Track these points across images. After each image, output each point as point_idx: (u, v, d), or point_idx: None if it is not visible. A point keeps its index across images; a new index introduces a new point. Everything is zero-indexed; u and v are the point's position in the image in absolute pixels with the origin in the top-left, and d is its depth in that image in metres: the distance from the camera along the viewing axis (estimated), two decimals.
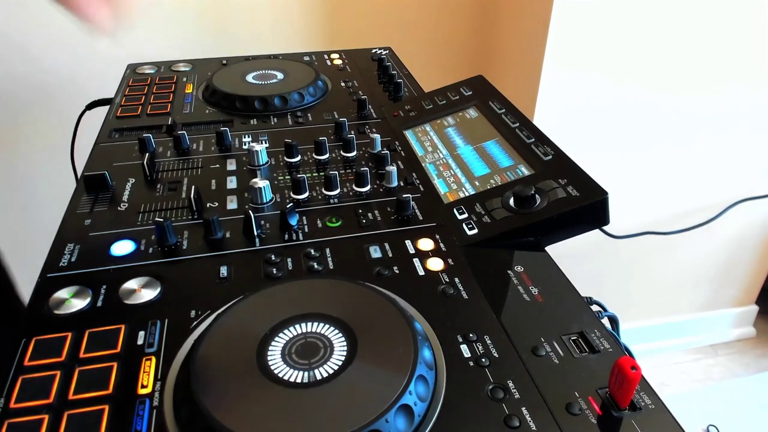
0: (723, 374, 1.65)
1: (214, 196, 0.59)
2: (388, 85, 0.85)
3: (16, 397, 0.37)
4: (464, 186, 0.61)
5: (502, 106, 0.71)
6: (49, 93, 1.19)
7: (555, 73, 1.11)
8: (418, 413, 0.35)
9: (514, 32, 1.22)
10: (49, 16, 1.11)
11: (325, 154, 0.66)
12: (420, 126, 0.73)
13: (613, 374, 0.37)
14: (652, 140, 1.27)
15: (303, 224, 0.55)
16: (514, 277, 0.49)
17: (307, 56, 0.96)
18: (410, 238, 0.53)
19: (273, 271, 0.48)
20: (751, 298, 1.72)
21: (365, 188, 0.60)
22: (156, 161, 0.65)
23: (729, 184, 1.38)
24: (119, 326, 0.42)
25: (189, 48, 1.19)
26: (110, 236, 0.52)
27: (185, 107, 0.77)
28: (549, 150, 0.60)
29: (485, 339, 0.42)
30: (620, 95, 1.18)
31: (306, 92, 0.79)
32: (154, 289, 0.46)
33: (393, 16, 1.27)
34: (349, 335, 0.40)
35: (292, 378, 0.36)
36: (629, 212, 1.36)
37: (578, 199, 0.53)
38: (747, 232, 1.52)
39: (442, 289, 0.47)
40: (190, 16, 1.17)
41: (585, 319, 0.44)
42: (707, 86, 1.22)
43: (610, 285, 1.53)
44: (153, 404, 0.37)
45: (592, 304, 0.53)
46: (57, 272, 0.48)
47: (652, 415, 0.37)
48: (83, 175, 0.60)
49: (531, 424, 0.36)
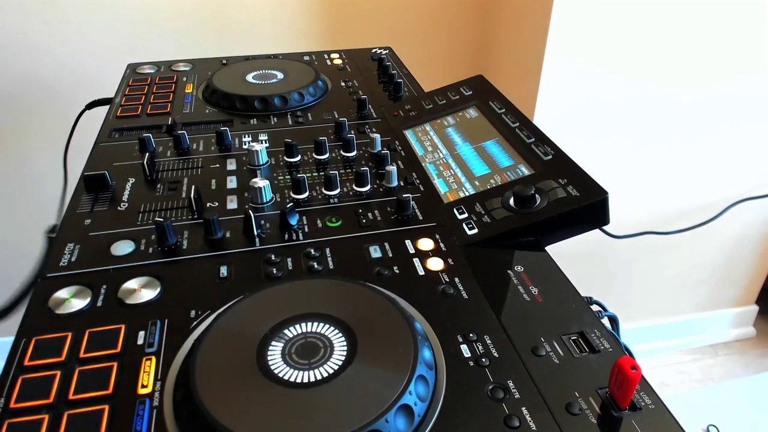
0: (723, 374, 1.65)
1: (214, 196, 0.59)
2: (388, 84, 0.85)
3: (16, 397, 0.37)
4: (464, 186, 0.61)
5: (502, 105, 0.71)
6: (48, 92, 1.19)
7: (555, 72, 1.11)
8: (418, 413, 0.35)
9: (514, 32, 1.22)
10: (49, 16, 1.11)
11: (325, 154, 0.66)
12: (420, 126, 0.73)
13: (613, 374, 0.37)
14: (652, 140, 1.27)
15: (303, 224, 0.55)
16: (514, 277, 0.49)
17: (307, 56, 0.96)
18: (410, 238, 0.53)
19: (273, 271, 0.48)
20: (751, 298, 1.72)
21: (365, 188, 0.60)
22: (156, 161, 0.65)
23: (729, 183, 1.38)
24: (119, 326, 0.42)
25: (189, 48, 1.19)
26: (110, 236, 0.52)
27: (185, 107, 0.77)
28: (549, 150, 0.60)
29: (485, 339, 0.42)
30: (620, 95, 1.18)
31: (306, 92, 0.79)
32: (154, 289, 0.46)
33: (393, 16, 1.27)
34: (349, 335, 0.40)
35: (292, 378, 0.36)
36: (629, 212, 1.36)
37: (578, 199, 0.53)
38: (747, 232, 1.52)
39: (442, 289, 0.47)
40: (190, 16, 1.17)
41: (585, 319, 0.44)
42: (707, 86, 1.22)
43: (610, 285, 1.53)
44: (153, 404, 0.37)
45: (592, 304, 0.53)
46: (57, 272, 0.48)
47: (652, 415, 0.37)
48: (83, 174, 0.60)
49: (531, 424, 0.36)
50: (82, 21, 1.13)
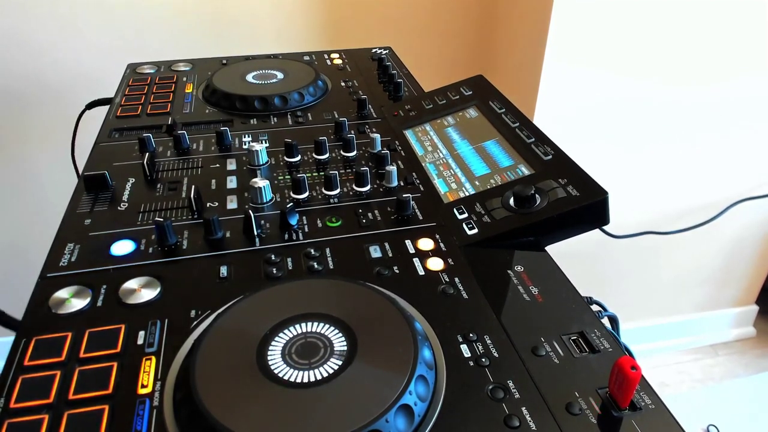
0: (723, 374, 1.65)
1: (214, 196, 0.59)
2: (388, 84, 0.85)
3: (16, 397, 0.37)
4: (464, 186, 0.61)
5: (502, 105, 0.71)
6: (49, 92, 1.19)
7: (555, 72, 1.11)
8: (418, 413, 0.35)
9: (514, 32, 1.22)
10: (49, 16, 1.11)
11: (325, 154, 0.66)
12: (420, 126, 0.73)
13: (613, 374, 0.37)
14: (652, 140, 1.27)
15: (303, 224, 0.55)
16: (514, 277, 0.49)
17: (307, 56, 0.96)
18: (410, 238, 0.53)
19: (273, 270, 0.48)
20: (751, 298, 1.72)
21: (365, 188, 0.60)
22: (156, 161, 0.65)
23: (729, 183, 1.38)
24: (119, 326, 0.42)
25: (189, 48, 1.19)
26: (110, 236, 0.52)
27: (185, 107, 0.77)
28: (549, 150, 0.60)
29: (485, 339, 0.42)
30: (620, 95, 1.18)
31: (306, 92, 0.79)
32: (154, 289, 0.46)
33: (393, 16, 1.27)
34: (349, 335, 0.40)
35: (292, 378, 0.36)
36: (629, 212, 1.36)
37: (578, 199, 0.53)
38: (747, 232, 1.52)
39: (442, 289, 0.47)
40: (190, 16, 1.17)
41: (585, 319, 0.44)
42: (707, 86, 1.22)
43: (610, 285, 1.53)
44: (153, 404, 0.37)
45: (592, 304, 0.53)
46: (57, 272, 0.48)
47: (652, 415, 0.37)
48: (83, 174, 0.60)
49: (531, 424, 0.36)
50: (82, 21, 1.13)
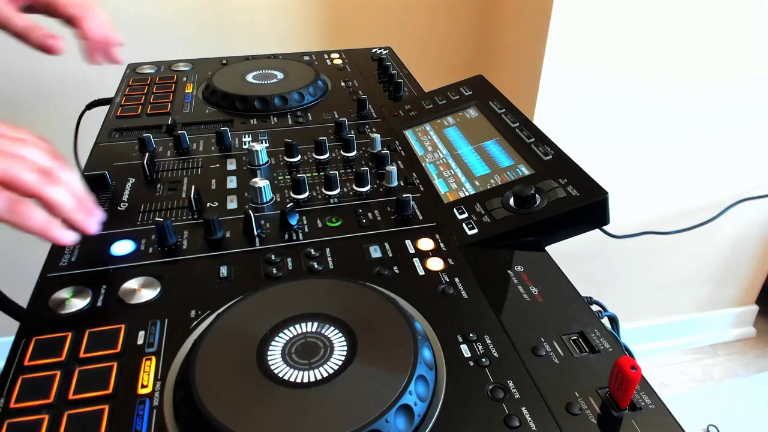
0: (723, 374, 1.65)
1: (214, 196, 0.59)
2: (388, 84, 0.85)
3: (16, 397, 0.37)
4: (464, 186, 0.61)
5: (502, 105, 0.71)
6: (49, 92, 1.19)
7: (555, 72, 1.11)
8: (418, 413, 0.35)
9: (514, 32, 1.22)
10: None
11: (325, 154, 0.66)
12: (420, 126, 0.73)
13: (613, 374, 0.37)
14: (652, 140, 1.27)
15: (303, 224, 0.55)
16: (514, 277, 0.49)
17: (307, 56, 0.96)
18: (410, 238, 0.53)
19: (273, 271, 0.48)
20: (751, 298, 1.72)
21: (365, 188, 0.60)
22: (156, 161, 0.65)
23: (729, 184, 1.38)
24: (119, 326, 0.42)
25: (189, 48, 1.19)
26: (110, 236, 0.52)
27: (185, 107, 0.77)
28: (549, 150, 0.60)
29: (485, 339, 0.42)
30: (620, 95, 1.18)
31: (306, 92, 0.79)
32: (154, 289, 0.46)
33: (393, 16, 1.27)
34: (349, 335, 0.40)
35: (292, 378, 0.36)
36: (629, 212, 1.36)
37: (578, 199, 0.53)
38: (747, 232, 1.52)
39: (442, 289, 0.47)
40: (190, 16, 1.17)
41: (585, 319, 0.44)
42: (707, 86, 1.22)
43: (610, 285, 1.53)
44: (153, 404, 0.37)
45: (592, 304, 0.53)
46: (57, 272, 0.48)
47: (652, 415, 0.37)
48: (83, 174, 0.60)
49: (531, 424, 0.36)
50: None
